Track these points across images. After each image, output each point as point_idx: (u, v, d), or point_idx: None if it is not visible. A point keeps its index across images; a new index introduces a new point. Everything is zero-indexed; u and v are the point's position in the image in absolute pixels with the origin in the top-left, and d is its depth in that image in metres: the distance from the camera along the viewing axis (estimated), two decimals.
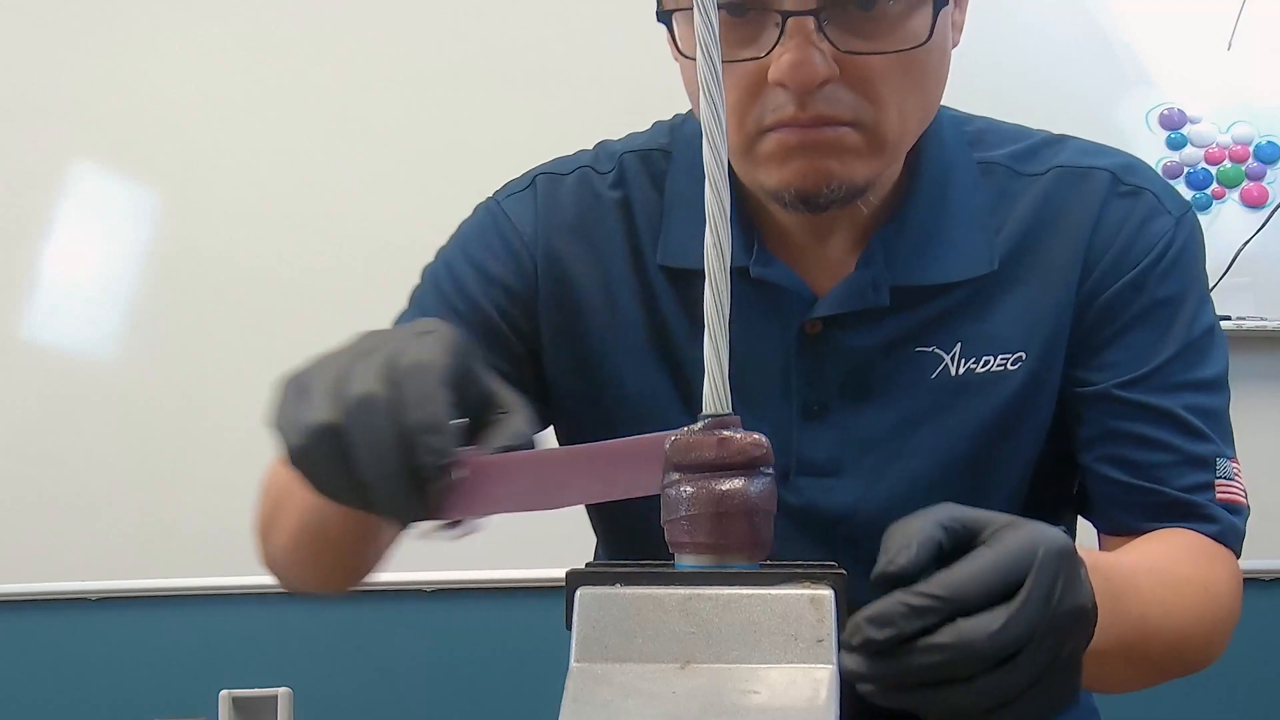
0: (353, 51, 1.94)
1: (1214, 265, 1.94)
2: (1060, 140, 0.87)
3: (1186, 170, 1.99)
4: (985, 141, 0.86)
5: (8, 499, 1.87)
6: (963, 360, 0.82)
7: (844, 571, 0.43)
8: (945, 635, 0.49)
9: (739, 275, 0.79)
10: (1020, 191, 0.83)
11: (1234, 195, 1.99)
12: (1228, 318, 1.94)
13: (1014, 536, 0.51)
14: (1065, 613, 0.51)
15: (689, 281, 0.81)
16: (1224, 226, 1.97)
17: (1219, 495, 0.81)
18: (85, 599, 1.89)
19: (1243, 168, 1.99)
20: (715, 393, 0.46)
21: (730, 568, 0.43)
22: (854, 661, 0.49)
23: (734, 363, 0.80)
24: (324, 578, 0.88)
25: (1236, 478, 0.83)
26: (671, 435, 0.47)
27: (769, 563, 0.45)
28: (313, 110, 1.92)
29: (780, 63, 0.70)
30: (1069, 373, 0.83)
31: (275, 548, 0.85)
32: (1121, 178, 0.84)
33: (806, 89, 0.70)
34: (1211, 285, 1.95)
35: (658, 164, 0.87)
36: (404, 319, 0.88)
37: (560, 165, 0.89)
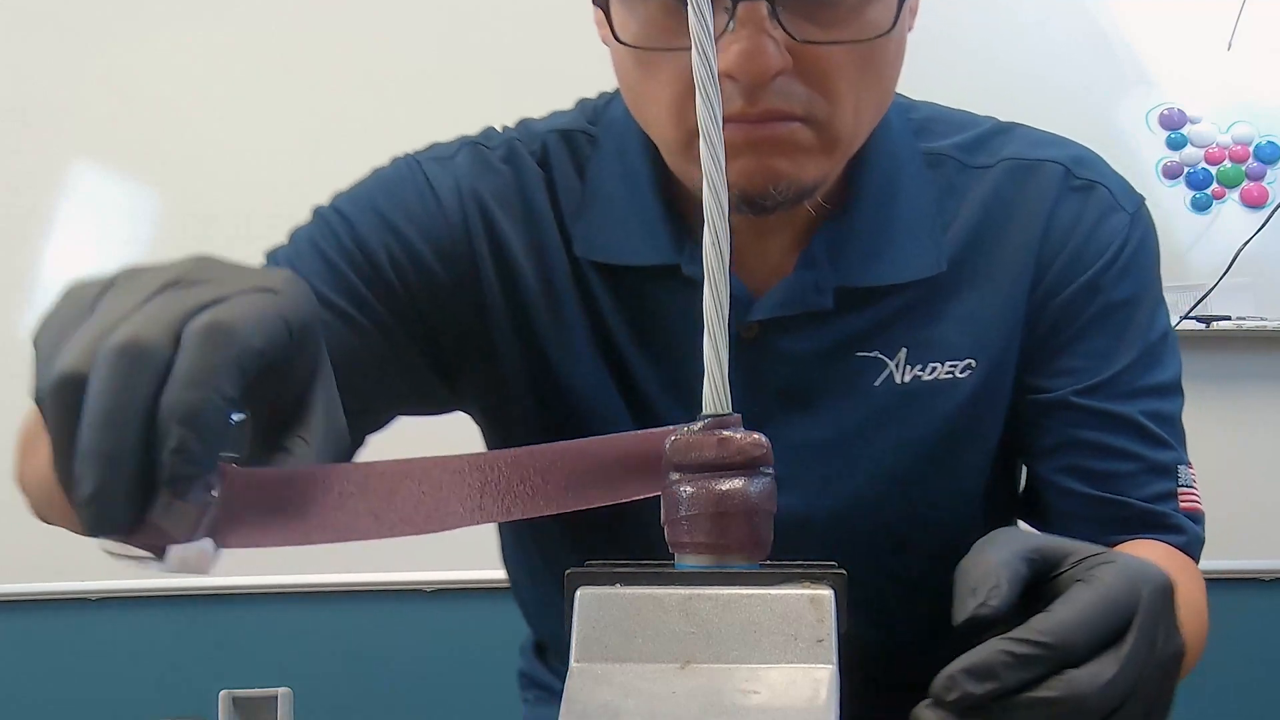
0: (353, 51, 1.94)
1: (1214, 265, 1.96)
2: (1009, 129, 0.82)
3: (1186, 170, 1.99)
4: (931, 130, 0.81)
5: (8, 499, 1.87)
6: (909, 367, 0.77)
7: (844, 571, 0.43)
8: (1055, 688, 0.45)
9: (669, 274, 0.76)
10: (968, 186, 0.79)
11: (1234, 195, 1.99)
12: (1228, 318, 1.94)
13: (1114, 575, 0.48)
14: (1170, 656, 0.49)
15: (619, 277, 0.78)
16: (1224, 226, 1.98)
17: (1182, 504, 0.78)
18: (85, 599, 1.89)
19: (1243, 168, 1.99)
20: (715, 392, 0.46)
21: (730, 568, 0.43)
22: (942, 718, 0.46)
23: (660, 368, 0.78)
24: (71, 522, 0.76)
25: (1194, 484, 0.79)
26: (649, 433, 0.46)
27: (769, 563, 0.45)
28: (313, 110, 1.92)
29: (730, 53, 0.63)
30: (1023, 379, 0.79)
31: (30, 470, 0.72)
32: (1074, 171, 0.79)
33: (759, 82, 0.64)
34: (1211, 285, 1.96)
35: (581, 147, 0.80)
36: (275, 259, 0.80)
37: (487, 138, 0.82)
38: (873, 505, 0.78)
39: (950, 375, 0.77)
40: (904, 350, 0.77)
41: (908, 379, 0.77)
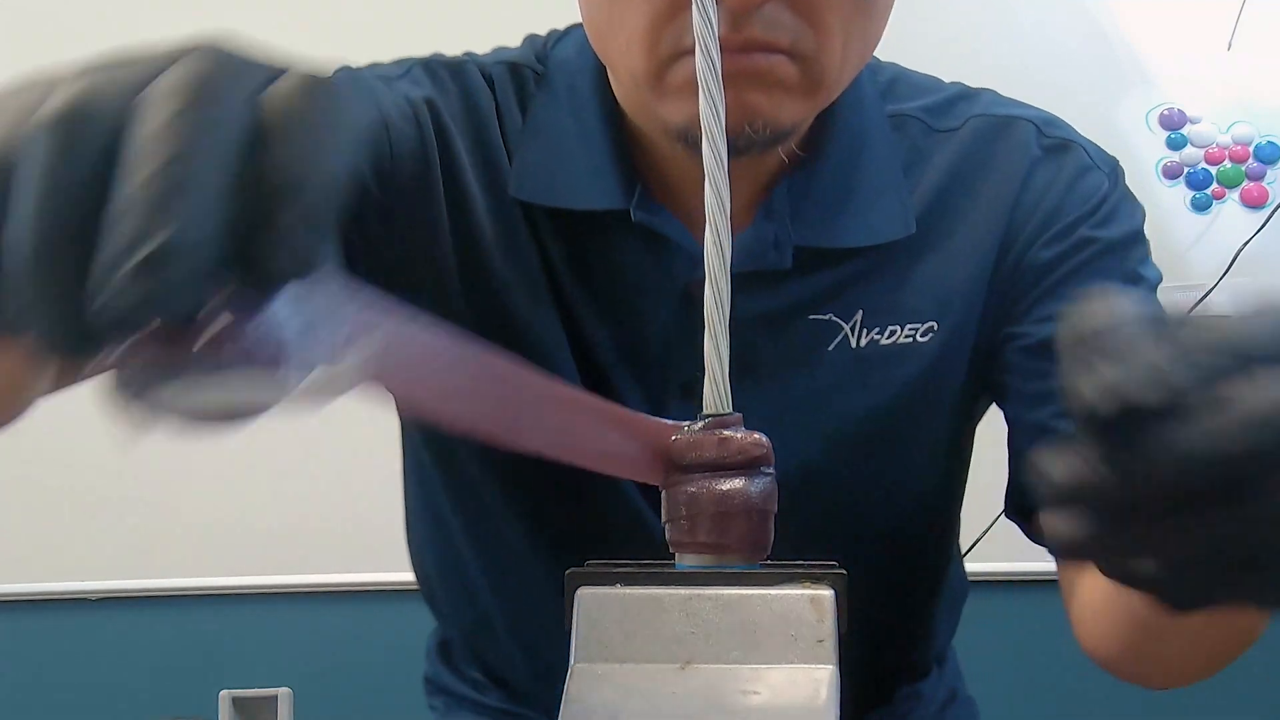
0: (353, 51, 1.94)
1: (1214, 265, 1.96)
2: (975, 94, 0.79)
3: (1186, 170, 1.99)
4: (896, 92, 0.77)
5: (8, 499, 1.87)
6: (865, 330, 0.73)
7: (845, 571, 0.43)
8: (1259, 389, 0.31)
9: (616, 220, 0.71)
10: (934, 149, 0.75)
11: (1234, 195, 1.99)
12: (1228, 318, 1.93)
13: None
14: None
15: (568, 223, 0.73)
16: (1224, 226, 1.97)
17: None
18: (85, 599, 1.89)
19: (1243, 168, 1.99)
20: (716, 392, 0.46)
21: (730, 568, 0.43)
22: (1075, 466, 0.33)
23: (610, 325, 0.73)
24: None
25: None
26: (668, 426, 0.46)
27: (769, 563, 0.45)
28: None
29: None
30: (1004, 331, 0.74)
31: None
32: (1045, 130, 0.77)
33: (747, 5, 0.59)
34: (1212, 285, 1.96)
35: (527, 83, 0.76)
36: None
37: (435, 57, 0.77)
38: (824, 477, 0.75)
39: (910, 339, 0.73)
40: (860, 313, 0.73)
41: (864, 343, 0.73)
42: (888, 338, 0.73)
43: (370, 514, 1.81)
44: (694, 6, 0.44)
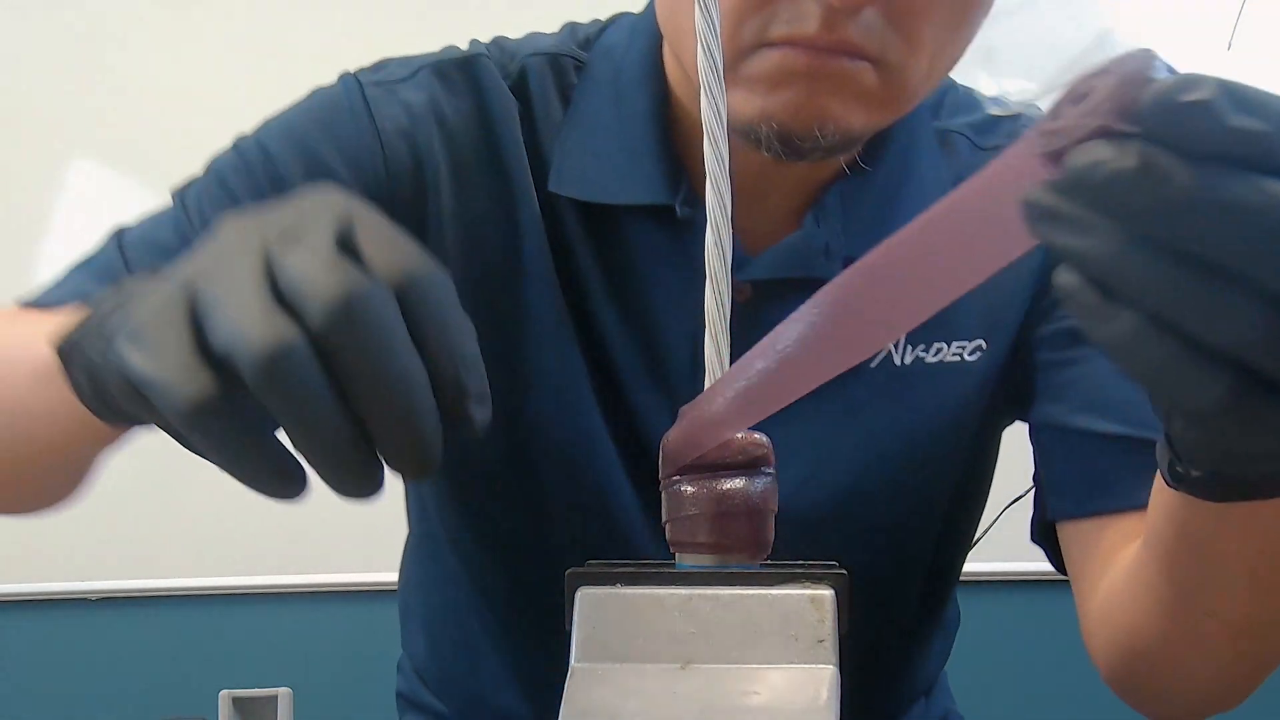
0: (354, 51, 1.94)
1: None
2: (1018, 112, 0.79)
3: None
4: (945, 108, 0.76)
5: None
6: (909, 347, 0.70)
7: (845, 571, 0.43)
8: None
9: (658, 215, 0.69)
10: (979, 166, 0.73)
11: None
12: None
13: None
14: None
15: (598, 218, 0.70)
16: None
17: None
18: (85, 599, 1.89)
19: None
20: None
21: (730, 568, 0.43)
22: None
23: (644, 328, 0.70)
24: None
25: None
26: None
27: (769, 563, 0.45)
28: None
29: None
30: (1036, 333, 0.71)
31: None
32: None
33: (851, 5, 0.56)
34: None
35: (567, 73, 0.72)
36: (184, 195, 0.71)
37: (450, 57, 0.74)
38: (864, 493, 0.73)
39: (958, 358, 0.71)
40: None
41: (909, 360, 0.70)
42: (934, 355, 0.71)
43: (370, 514, 1.81)
44: (696, 5, 0.44)
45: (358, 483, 0.37)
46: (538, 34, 0.76)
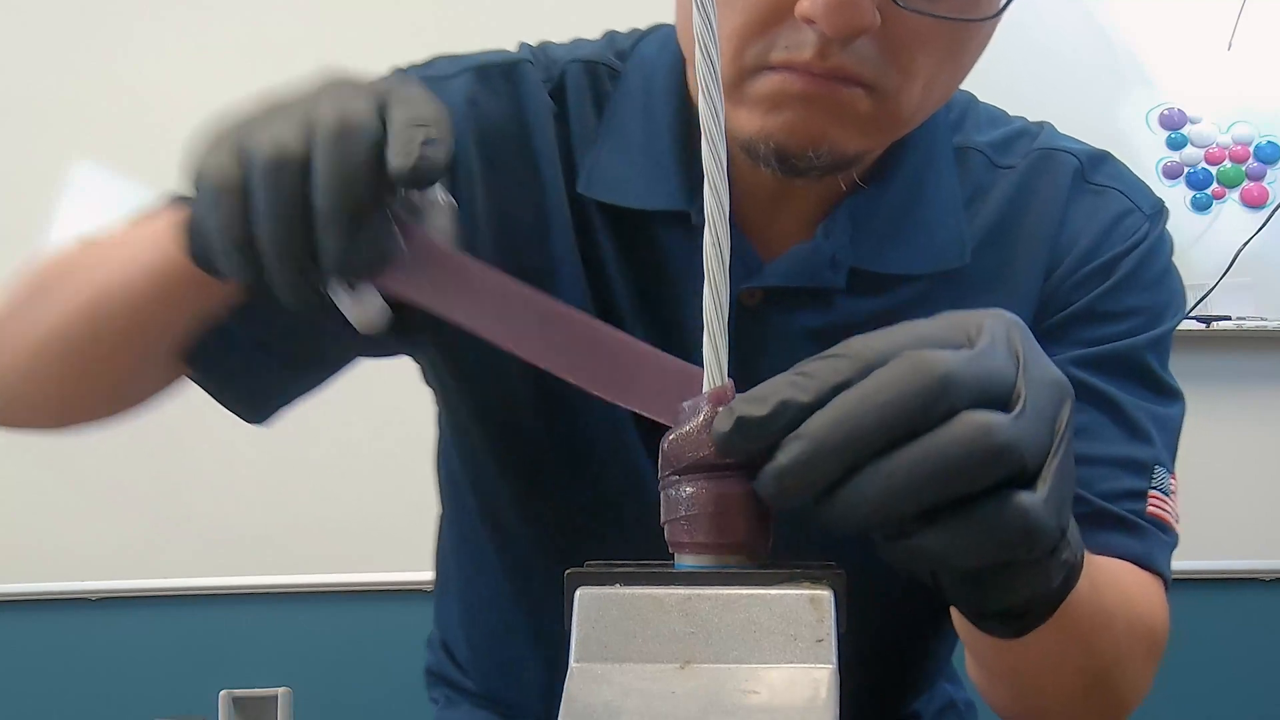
0: (354, 51, 1.94)
1: (1214, 265, 1.96)
2: (1036, 130, 0.79)
3: (1186, 170, 1.99)
4: (965, 125, 0.78)
5: (8, 499, 1.87)
6: None
7: (844, 571, 0.43)
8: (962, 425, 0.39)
9: (674, 220, 0.71)
10: (994, 184, 0.75)
11: (1234, 195, 1.99)
12: (1228, 318, 1.94)
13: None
14: (1056, 381, 0.43)
15: (624, 221, 0.73)
16: (1224, 226, 1.98)
17: (1149, 508, 0.70)
18: (85, 599, 1.89)
19: (1243, 168, 1.99)
20: None
21: (730, 568, 0.43)
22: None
23: (667, 326, 0.72)
24: (69, 396, 0.72)
25: (1172, 494, 0.72)
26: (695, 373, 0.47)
27: (769, 562, 0.45)
28: None
29: None
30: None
31: (16, 341, 0.70)
32: (1088, 166, 0.77)
33: (843, 36, 0.58)
34: (1212, 285, 1.96)
35: (603, 81, 0.76)
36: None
37: (493, 59, 0.77)
38: None
39: None
40: None
41: None
42: None
43: (371, 514, 1.82)
44: (695, 8, 0.44)
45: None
46: (581, 40, 0.80)
